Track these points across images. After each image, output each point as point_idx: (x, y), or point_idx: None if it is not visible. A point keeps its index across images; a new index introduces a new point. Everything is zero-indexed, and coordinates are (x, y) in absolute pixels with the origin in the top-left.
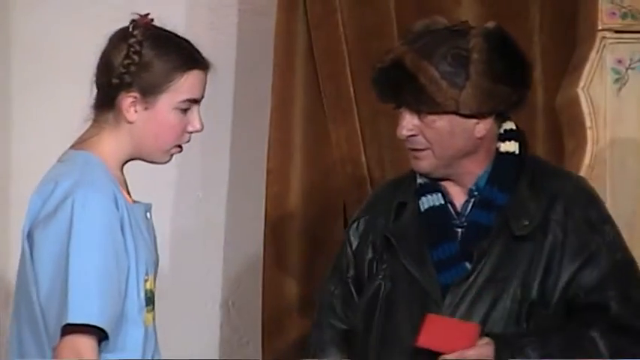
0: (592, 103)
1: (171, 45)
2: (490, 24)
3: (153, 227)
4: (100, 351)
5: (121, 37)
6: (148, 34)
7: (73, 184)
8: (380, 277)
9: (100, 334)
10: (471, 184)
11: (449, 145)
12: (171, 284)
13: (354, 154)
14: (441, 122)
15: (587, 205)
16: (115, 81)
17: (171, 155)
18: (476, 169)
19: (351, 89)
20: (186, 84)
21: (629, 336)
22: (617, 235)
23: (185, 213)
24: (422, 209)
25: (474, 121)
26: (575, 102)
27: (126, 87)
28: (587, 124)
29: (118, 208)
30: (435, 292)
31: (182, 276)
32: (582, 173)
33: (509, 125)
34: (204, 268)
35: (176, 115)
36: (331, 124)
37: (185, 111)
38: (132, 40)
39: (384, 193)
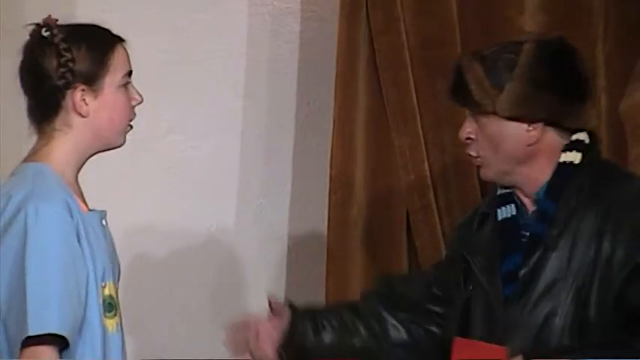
0: None
1: (89, 32)
2: (552, 34)
3: (110, 234)
4: (61, 358)
5: (41, 43)
6: (64, 30)
7: (24, 196)
8: (470, 289)
9: (61, 343)
10: (534, 193)
11: (498, 151)
12: (234, 290)
13: (416, 162)
14: (492, 127)
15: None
16: (58, 83)
17: (125, 135)
18: (538, 176)
19: (414, 97)
20: (119, 60)
21: None
22: None
23: (247, 220)
24: (498, 220)
25: (524, 127)
26: (639, 108)
27: (71, 84)
28: None
29: (72, 217)
30: (498, 306)
31: (245, 283)
32: None
33: (578, 136)
34: (267, 275)
35: (122, 93)
36: (394, 131)
37: (126, 87)
38: (57, 40)
39: (476, 206)
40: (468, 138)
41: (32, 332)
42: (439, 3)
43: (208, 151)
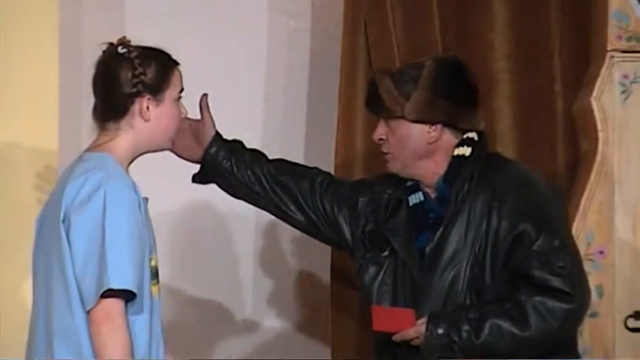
0: (603, 111)
1: (156, 53)
2: (449, 54)
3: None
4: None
5: (117, 57)
6: (137, 49)
7: (102, 177)
8: (385, 254)
9: (128, 297)
10: (434, 183)
11: (405, 148)
12: (255, 266)
13: None
14: (400, 129)
15: (519, 194)
16: (130, 91)
17: (172, 141)
18: (437, 169)
19: None
20: (177, 78)
21: (553, 295)
22: (547, 219)
23: None
24: (410, 205)
25: (426, 129)
26: (588, 110)
27: (141, 93)
28: (599, 128)
29: (138, 197)
30: (416, 276)
31: (265, 258)
32: (594, 170)
33: (470, 135)
34: (284, 251)
35: (176, 106)
36: None
37: (178, 101)
38: (132, 56)
39: (391, 180)
40: (380, 139)
41: (113, 286)
42: (425, 21)
43: None
